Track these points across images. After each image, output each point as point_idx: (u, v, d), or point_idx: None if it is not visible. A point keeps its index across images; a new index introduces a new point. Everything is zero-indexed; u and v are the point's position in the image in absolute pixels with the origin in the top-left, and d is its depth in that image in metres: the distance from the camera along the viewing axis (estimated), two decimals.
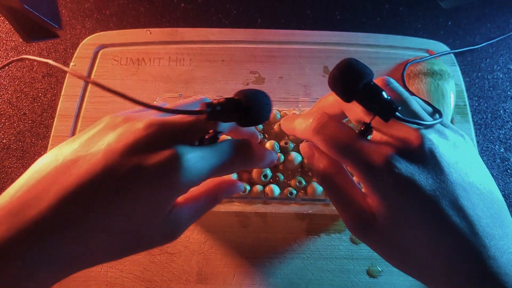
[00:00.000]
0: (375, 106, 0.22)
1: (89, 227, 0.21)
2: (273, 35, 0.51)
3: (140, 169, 0.21)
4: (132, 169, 0.21)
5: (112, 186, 0.21)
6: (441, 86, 0.46)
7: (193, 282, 0.38)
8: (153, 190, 0.22)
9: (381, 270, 0.39)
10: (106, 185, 0.21)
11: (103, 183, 0.21)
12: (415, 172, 0.22)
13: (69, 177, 0.21)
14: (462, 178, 0.22)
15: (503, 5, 0.56)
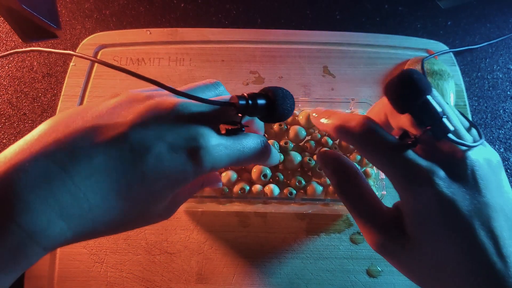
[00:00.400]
0: (429, 123, 0.22)
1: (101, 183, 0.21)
2: (273, 35, 0.51)
3: (166, 147, 0.22)
4: (158, 145, 0.22)
5: (136, 157, 0.21)
6: (441, 86, 0.46)
7: (193, 282, 0.38)
8: (175, 169, 0.23)
9: (381, 270, 0.39)
10: (131, 154, 0.21)
11: (129, 151, 0.21)
12: (456, 191, 0.22)
13: (94, 141, 0.21)
14: (494, 200, 0.22)
15: (503, 5, 0.56)
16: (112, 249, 0.40)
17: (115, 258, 0.39)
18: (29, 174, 0.19)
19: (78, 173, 0.20)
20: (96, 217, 0.21)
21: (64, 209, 0.20)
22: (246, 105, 0.25)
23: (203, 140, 0.23)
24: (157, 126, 0.22)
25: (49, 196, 0.19)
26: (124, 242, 0.40)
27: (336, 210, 0.40)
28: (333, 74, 0.49)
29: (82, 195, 0.20)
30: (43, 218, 0.19)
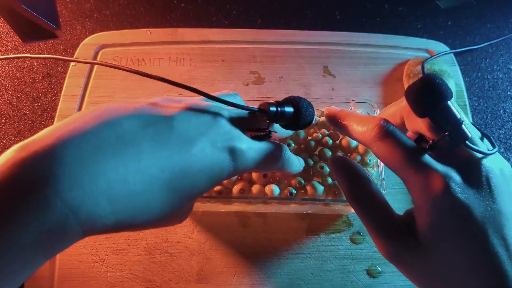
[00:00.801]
0: (449, 129, 0.23)
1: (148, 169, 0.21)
2: (273, 35, 0.51)
3: (209, 143, 0.24)
4: (201, 140, 0.23)
5: (182, 148, 0.22)
6: None
7: (193, 282, 0.38)
8: (216, 165, 0.24)
9: (381, 270, 0.39)
10: (177, 145, 0.22)
11: (175, 142, 0.22)
12: (471, 197, 0.22)
13: (142, 128, 0.22)
14: (507, 208, 0.23)
15: (503, 5, 0.56)
16: (112, 249, 0.40)
17: (115, 258, 0.39)
18: (78, 150, 0.19)
19: (127, 156, 0.20)
20: (139, 204, 0.21)
21: (111, 191, 0.19)
22: (275, 112, 0.26)
23: (239, 141, 0.25)
24: (198, 123, 0.24)
25: (98, 176, 0.19)
26: (124, 242, 0.40)
27: (336, 210, 0.40)
28: (333, 74, 0.49)
29: (130, 179, 0.20)
30: (90, 198, 0.19)
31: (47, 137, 0.19)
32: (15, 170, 0.18)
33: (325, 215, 0.41)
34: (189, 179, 0.23)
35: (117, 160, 0.20)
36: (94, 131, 0.20)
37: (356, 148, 0.37)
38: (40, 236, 0.17)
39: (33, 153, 0.18)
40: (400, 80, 0.48)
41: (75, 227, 0.18)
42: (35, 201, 0.17)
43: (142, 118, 0.22)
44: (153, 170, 0.21)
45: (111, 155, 0.20)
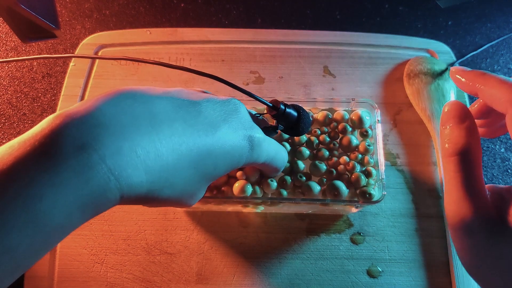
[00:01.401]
0: None
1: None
2: (273, 35, 0.51)
3: (231, 129, 0.26)
4: (225, 126, 0.25)
5: (208, 130, 0.24)
6: (442, 85, 0.46)
7: (193, 282, 0.38)
8: (236, 150, 0.26)
9: (381, 271, 0.39)
10: (204, 126, 0.24)
11: (203, 123, 0.25)
12: None
13: (175, 108, 0.24)
14: None
15: (503, 5, 0.55)
16: (112, 249, 0.39)
17: (115, 258, 0.39)
18: (119, 119, 0.20)
19: (162, 132, 0.22)
20: (168, 178, 0.22)
21: (148, 161, 0.21)
22: (284, 110, 0.29)
23: (257, 131, 0.27)
24: (222, 110, 0.26)
25: (138, 146, 0.20)
26: (124, 242, 0.40)
27: (337, 210, 0.40)
28: (333, 74, 0.49)
29: (164, 152, 0.22)
30: (130, 165, 0.20)
31: (82, 108, 0.20)
32: (57, 136, 0.18)
33: (325, 215, 0.41)
34: (211, 161, 0.24)
35: (153, 134, 0.21)
36: (129, 105, 0.22)
37: (356, 147, 0.37)
38: (83, 197, 0.18)
39: (73, 120, 0.19)
40: (400, 80, 0.48)
41: (115, 192, 0.20)
42: (80, 164, 0.18)
43: (173, 100, 0.24)
44: (183, 147, 0.23)
45: (148, 129, 0.21)
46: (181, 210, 0.41)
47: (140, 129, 0.21)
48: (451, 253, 0.38)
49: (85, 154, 0.18)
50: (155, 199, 0.23)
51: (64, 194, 0.18)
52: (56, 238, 0.18)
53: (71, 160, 0.18)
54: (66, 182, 0.18)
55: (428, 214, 0.41)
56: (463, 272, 0.37)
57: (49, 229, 0.18)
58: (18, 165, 0.17)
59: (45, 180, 0.17)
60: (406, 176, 0.43)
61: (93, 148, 0.19)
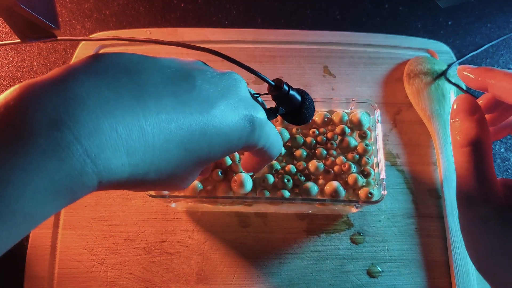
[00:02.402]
0: None
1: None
2: (273, 35, 0.51)
3: (230, 106, 0.23)
4: (223, 102, 0.22)
5: (203, 107, 0.22)
6: (442, 85, 0.46)
7: (193, 282, 0.38)
8: (234, 130, 0.23)
9: (381, 271, 0.39)
10: (198, 103, 0.22)
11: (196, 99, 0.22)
12: None
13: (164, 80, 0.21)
14: None
15: (503, 5, 0.55)
16: (112, 249, 0.39)
17: (115, 258, 0.39)
18: (98, 92, 0.17)
19: (148, 107, 0.19)
20: (154, 160, 0.19)
21: (130, 141, 0.18)
22: (287, 92, 0.26)
23: (259, 111, 0.24)
24: (220, 85, 0.23)
25: (120, 124, 0.18)
26: (124, 242, 0.40)
27: (337, 210, 0.40)
28: (333, 74, 0.49)
29: (149, 131, 0.19)
30: (109, 146, 0.17)
31: (56, 76, 0.18)
32: (24, 109, 0.16)
33: (325, 215, 0.41)
34: (206, 142, 0.22)
35: (137, 110, 0.18)
36: (112, 75, 0.19)
37: (355, 148, 0.37)
38: (56, 182, 0.16)
39: (45, 91, 0.17)
40: (400, 80, 0.48)
41: (92, 177, 0.17)
42: (53, 144, 0.16)
43: (163, 71, 0.21)
44: (172, 126, 0.20)
45: (132, 104, 0.18)
46: (181, 210, 0.41)
47: (123, 104, 0.18)
48: (451, 253, 0.38)
49: (57, 133, 0.16)
50: (139, 183, 0.20)
51: (34, 179, 0.15)
52: (25, 229, 0.16)
53: (42, 138, 0.15)
54: (36, 164, 0.15)
55: (428, 214, 0.41)
56: (463, 272, 0.37)
57: (17, 219, 0.15)
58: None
59: (11, 162, 0.15)
60: (406, 176, 0.43)
61: (67, 125, 0.16)
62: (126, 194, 0.42)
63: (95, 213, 0.41)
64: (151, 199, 0.41)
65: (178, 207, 0.41)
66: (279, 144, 0.28)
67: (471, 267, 0.38)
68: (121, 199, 0.41)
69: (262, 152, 0.27)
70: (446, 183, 0.41)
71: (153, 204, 0.41)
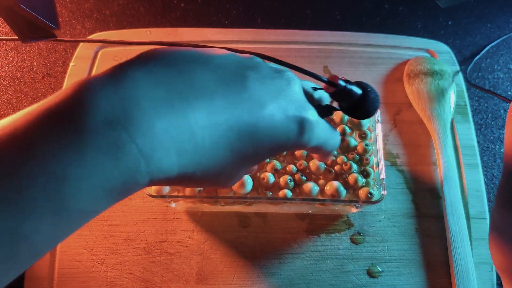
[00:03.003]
0: None
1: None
2: (273, 35, 0.51)
3: (280, 109, 0.22)
4: (273, 104, 0.22)
5: (253, 108, 0.21)
6: (441, 86, 0.46)
7: (193, 283, 0.38)
8: (282, 133, 0.23)
9: (381, 271, 0.39)
10: (248, 103, 0.21)
11: (247, 100, 0.21)
12: None
13: (216, 82, 0.21)
14: None
15: (503, 5, 0.55)
16: (112, 249, 0.39)
17: (115, 258, 0.39)
18: (152, 93, 0.18)
19: (199, 109, 0.19)
20: (202, 160, 0.20)
21: (180, 142, 0.18)
22: (344, 87, 0.25)
23: (310, 113, 0.24)
24: (272, 86, 0.23)
25: (172, 125, 0.18)
26: (124, 242, 0.40)
27: (337, 210, 0.40)
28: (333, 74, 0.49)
29: (199, 132, 0.19)
30: (162, 147, 0.18)
31: (112, 75, 0.18)
32: (83, 107, 0.16)
33: (325, 215, 0.41)
34: (253, 143, 0.22)
35: (188, 111, 0.19)
36: (164, 75, 0.19)
37: (355, 148, 0.37)
38: (111, 180, 0.16)
39: (103, 90, 0.17)
40: (400, 80, 0.48)
41: (144, 176, 0.17)
42: (110, 143, 0.16)
43: (215, 71, 0.21)
44: (222, 127, 0.20)
45: (183, 105, 0.19)
46: (181, 210, 0.41)
47: (175, 105, 0.18)
48: (451, 253, 0.38)
49: (115, 132, 0.16)
50: (185, 181, 0.21)
51: (91, 176, 0.16)
52: (78, 224, 0.17)
53: (100, 137, 0.16)
54: (93, 162, 0.16)
55: (428, 214, 0.41)
56: (463, 272, 0.37)
57: (72, 214, 0.16)
58: (37, 138, 0.15)
59: (70, 159, 0.15)
60: (406, 176, 0.43)
61: (123, 125, 0.16)
62: None
63: None
64: (151, 199, 0.41)
65: (178, 207, 0.41)
66: (333, 140, 0.27)
67: (471, 267, 0.38)
68: None
69: (315, 149, 0.26)
70: (446, 183, 0.41)
71: (153, 204, 0.41)
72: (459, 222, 0.39)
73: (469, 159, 0.44)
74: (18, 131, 0.15)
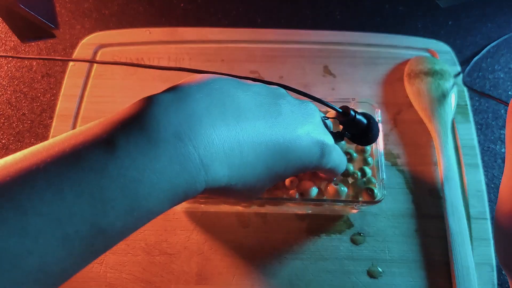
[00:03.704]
0: None
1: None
2: (273, 35, 0.51)
3: (306, 133, 0.26)
4: (301, 128, 0.26)
5: (286, 132, 0.25)
6: (442, 85, 0.46)
7: (192, 283, 0.38)
8: (307, 154, 0.26)
9: (382, 271, 0.39)
10: (281, 128, 0.25)
11: (281, 125, 0.25)
12: None
13: (257, 107, 0.25)
14: None
15: (503, 5, 0.55)
16: (112, 250, 0.39)
17: (115, 259, 0.39)
18: (209, 110, 0.20)
19: (246, 129, 0.22)
20: (244, 173, 0.22)
21: (231, 157, 0.21)
22: (354, 117, 0.28)
23: (329, 138, 0.27)
24: (300, 113, 0.26)
25: (226, 141, 0.21)
26: (124, 242, 0.40)
27: (337, 211, 0.40)
28: (333, 74, 0.49)
29: (245, 149, 0.22)
30: (218, 159, 0.20)
31: (177, 94, 0.20)
32: (156, 120, 0.18)
33: (325, 216, 0.41)
34: (283, 162, 0.25)
35: (238, 130, 0.21)
36: (219, 97, 0.22)
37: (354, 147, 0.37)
38: (177, 185, 0.18)
39: (171, 106, 0.19)
40: (401, 79, 0.48)
41: (202, 184, 0.20)
42: (178, 153, 0.18)
43: (255, 97, 0.24)
44: (262, 147, 0.23)
45: (234, 125, 0.21)
46: (181, 210, 0.41)
47: (228, 124, 0.21)
48: (452, 253, 0.38)
49: (181, 143, 0.18)
50: (227, 192, 0.23)
51: (161, 181, 0.18)
52: (143, 223, 0.19)
53: (169, 147, 0.18)
54: (164, 169, 0.18)
55: (428, 214, 0.41)
56: (463, 272, 0.37)
57: (142, 214, 0.18)
58: (119, 144, 0.17)
59: (146, 164, 0.17)
60: (406, 176, 0.43)
61: (189, 137, 0.19)
62: None
63: None
64: None
65: (178, 207, 0.41)
66: (343, 164, 0.31)
67: (472, 267, 0.38)
68: None
69: (329, 171, 0.30)
70: (446, 183, 0.41)
71: None
72: (460, 222, 0.39)
73: (469, 159, 0.43)
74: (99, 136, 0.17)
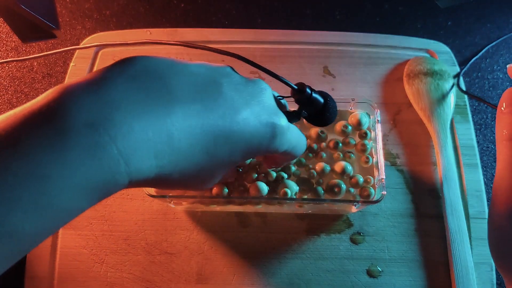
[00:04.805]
0: None
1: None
2: (273, 35, 0.51)
3: (253, 114, 0.24)
4: (246, 110, 0.24)
5: (227, 114, 0.23)
6: (441, 86, 0.46)
7: (193, 282, 0.38)
8: (255, 137, 0.24)
9: (381, 270, 0.39)
10: (223, 109, 0.23)
11: (223, 106, 0.23)
12: None
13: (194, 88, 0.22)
14: None
15: (503, 5, 0.55)
16: (112, 249, 0.39)
17: (115, 258, 0.39)
18: (131, 96, 0.19)
19: (176, 113, 0.20)
20: (178, 162, 0.21)
21: (159, 145, 0.19)
22: (310, 95, 0.26)
23: (281, 118, 0.25)
24: (245, 92, 0.24)
25: (150, 128, 0.19)
26: (124, 242, 0.40)
27: (337, 210, 0.40)
28: (333, 74, 0.49)
29: (176, 135, 0.20)
30: (140, 149, 0.18)
31: (93, 79, 0.19)
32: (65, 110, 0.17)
33: (325, 215, 0.41)
34: (227, 147, 0.23)
35: (166, 115, 0.20)
36: (144, 80, 0.20)
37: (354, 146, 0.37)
38: (92, 180, 0.17)
39: (83, 93, 0.18)
40: (400, 80, 0.48)
41: (124, 176, 0.18)
42: (91, 144, 0.17)
43: (192, 78, 0.22)
44: (197, 131, 0.21)
45: (162, 109, 0.19)
46: (181, 210, 0.41)
47: (154, 109, 0.19)
48: (451, 253, 0.38)
49: (96, 133, 0.17)
50: (163, 182, 0.21)
51: (73, 176, 0.16)
52: (61, 222, 0.17)
53: (81, 138, 0.16)
54: (75, 162, 0.16)
55: (428, 214, 0.41)
56: (462, 272, 0.38)
57: (55, 212, 0.16)
58: (21, 139, 0.16)
59: (53, 158, 0.16)
60: (406, 176, 0.43)
61: (104, 127, 0.17)
62: (126, 194, 0.42)
63: (95, 213, 0.41)
64: (151, 199, 0.41)
65: (178, 207, 0.41)
66: (302, 145, 0.29)
67: (471, 267, 0.38)
68: (121, 199, 0.41)
69: (285, 154, 0.28)
70: (446, 183, 0.41)
71: (153, 204, 0.41)
72: (459, 222, 0.39)
73: (468, 159, 0.44)
74: (3, 132, 0.16)
